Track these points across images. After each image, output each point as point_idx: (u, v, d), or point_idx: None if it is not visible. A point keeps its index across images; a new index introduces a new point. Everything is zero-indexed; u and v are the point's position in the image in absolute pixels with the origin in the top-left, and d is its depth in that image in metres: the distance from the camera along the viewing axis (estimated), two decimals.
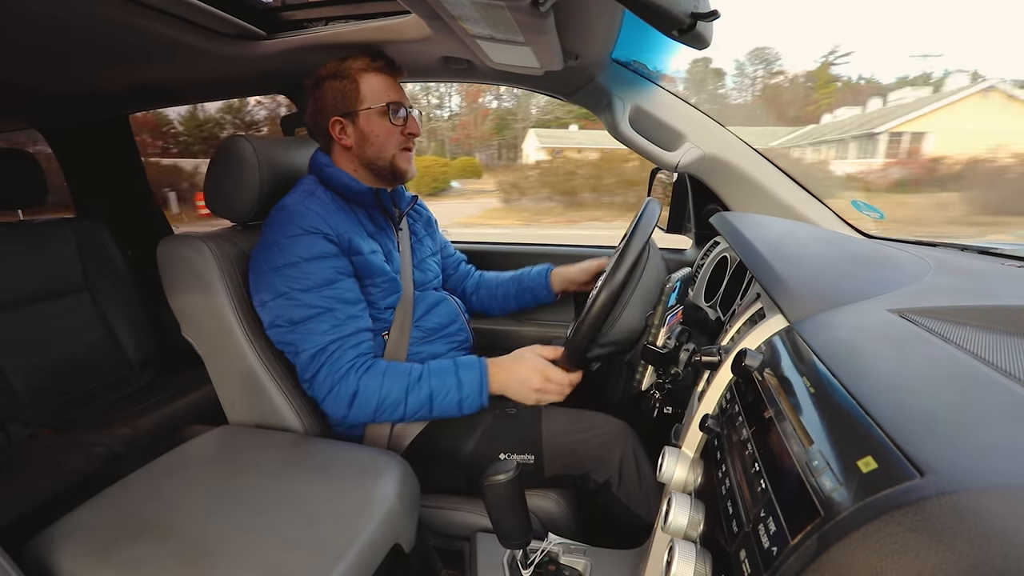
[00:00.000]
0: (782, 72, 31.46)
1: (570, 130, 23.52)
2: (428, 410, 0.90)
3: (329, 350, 0.89)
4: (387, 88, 1.00)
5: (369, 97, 0.98)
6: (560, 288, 1.29)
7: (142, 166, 1.95)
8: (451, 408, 0.91)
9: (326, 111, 0.99)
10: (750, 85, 29.51)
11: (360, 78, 0.98)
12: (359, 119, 0.98)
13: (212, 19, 0.91)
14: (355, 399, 0.88)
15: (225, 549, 0.67)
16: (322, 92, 0.99)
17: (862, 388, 0.39)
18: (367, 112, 0.98)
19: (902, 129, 17.35)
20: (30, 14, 0.83)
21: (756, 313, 0.73)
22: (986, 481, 0.27)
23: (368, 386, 0.88)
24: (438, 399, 0.90)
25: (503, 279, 1.33)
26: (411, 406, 0.89)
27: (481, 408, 0.92)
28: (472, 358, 0.94)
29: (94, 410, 1.45)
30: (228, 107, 20.04)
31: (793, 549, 0.32)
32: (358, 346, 0.91)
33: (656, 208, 0.90)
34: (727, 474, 0.49)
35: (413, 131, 1.03)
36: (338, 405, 0.89)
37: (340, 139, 0.99)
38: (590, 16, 0.83)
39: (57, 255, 1.50)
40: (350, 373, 0.89)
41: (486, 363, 0.92)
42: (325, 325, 0.89)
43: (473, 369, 0.92)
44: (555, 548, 0.76)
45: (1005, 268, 0.75)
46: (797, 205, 1.13)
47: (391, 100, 0.99)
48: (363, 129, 0.99)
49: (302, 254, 0.89)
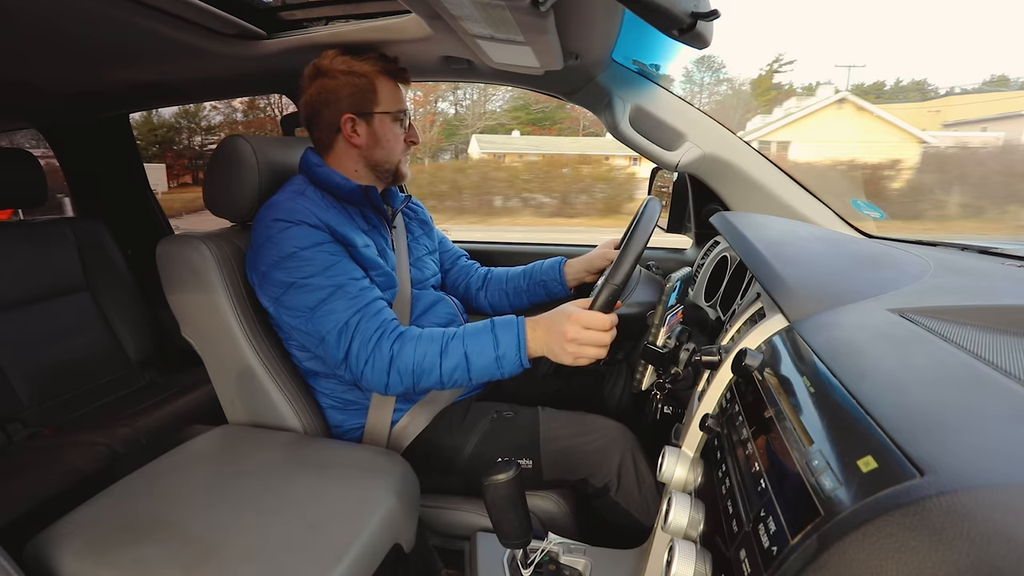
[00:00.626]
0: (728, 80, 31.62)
1: (512, 136, 23.85)
2: (465, 371, 0.86)
3: (353, 324, 0.87)
4: (397, 96, 1.00)
5: (384, 101, 0.98)
6: (575, 281, 1.25)
7: (142, 166, 1.95)
8: (489, 367, 0.85)
9: (339, 105, 0.97)
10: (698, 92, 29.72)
11: (376, 80, 0.97)
12: (373, 121, 0.98)
13: (212, 19, 0.91)
14: (392, 365, 0.86)
15: (225, 549, 0.67)
16: (334, 85, 0.97)
17: (862, 388, 0.39)
18: (382, 116, 0.98)
19: (770, 138, 18.44)
20: (31, 13, 0.83)
21: (756, 313, 0.73)
22: (986, 481, 0.27)
23: (403, 352, 0.86)
24: (474, 358, 0.85)
25: (513, 274, 1.30)
26: (447, 368, 0.85)
27: (522, 368, 0.86)
28: (510, 316, 0.89)
29: (94, 410, 1.45)
30: (184, 112, 19.64)
31: (793, 549, 0.32)
32: (380, 313, 0.89)
33: (656, 207, 0.90)
34: (727, 474, 0.49)
35: (414, 139, 1.04)
36: (377, 374, 0.86)
37: (350, 137, 0.98)
38: (590, 16, 0.83)
39: (57, 255, 1.50)
40: (382, 340, 0.87)
41: (524, 321, 0.87)
42: (342, 303, 0.87)
43: (510, 327, 0.86)
44: (555, 548, 0.76)
45: (1005, 268, 0.75)
46: (797, 205, 1.13)
47: (401, 108, 1.00)
48: (376, 132, 0.99)
49: (297, 244, 0.88)
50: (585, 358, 0.82)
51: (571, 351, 0.82)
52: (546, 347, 0.85)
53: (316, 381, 1.03)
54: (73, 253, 1.54)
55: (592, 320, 0.81)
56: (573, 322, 0.81)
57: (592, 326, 0.81)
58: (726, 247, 1.23)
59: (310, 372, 1.02)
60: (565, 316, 0.83)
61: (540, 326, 0.85)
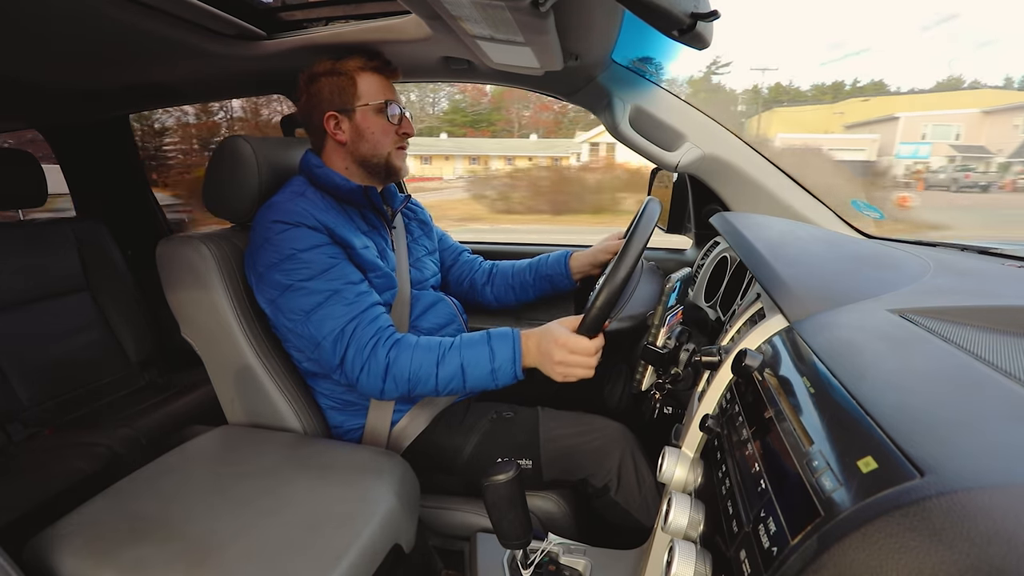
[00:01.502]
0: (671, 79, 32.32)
1: (440, 138, 25.00)
2: (461, 381, 0.87)
3: (349, 330, 0.87)
4: (383, 88, 1.00)
5: (366, 95, 0.98)
6: (581, 273, 1.25)
7: (142, 166, 1.95)
8: (484, 378, 0.87)
9: (321, 106, 0.98)
10: None
11: (357, 76, 0.98)
12: (355, 115, 0.98)
13: (212, 19, 0.91)
14: (388, 372, 0.86)
15: (225, 549, 0.67)
16: (318, 87, 0.98)
17: (862, 388, 0.39)
18: (363, 109, 0.98)
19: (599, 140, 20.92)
20: (31, 13, 0.83)
21: (756, 313, 0.73)
22: (986, 481, 0.27)
23: (399, 359, 0.87)
24: (470, 369, 0.87)
25: (519, 268, 1.30)
26: (443, 377, 0.87)
27: (516, 380, 0.89)
28: (505, 329, 0.91)
29: (94, 410, 1.45)
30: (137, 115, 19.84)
31: (793, 549, 0.32)
32: (376, 320, 0.90)
33: (656, 207, 0.90)
34: (727, 474, 0.49)
35: (407, 130, 1.03)
36: (373, 381, 0.87)
37: (335, 134, 0.99)
38: (590, 16, 0.83)
39: (57, 255, 1.50)
40: (378, 346, 0.87)
41: (519, 333, 0.89)
42: (338, 308, 0.88)
43: (506, 339, 0.88)
44: (555, 548, 0.76)
45: (1005, 268, 0.75)
46: (797, 205, 1.13)
47: (387, 98, 0.99)
48: (359, 125, 0.99)
49: (296, 246, 0.88)
50: (573, 377, 0.86)
51: (559, 372, 0.85)
52: (538, 363, 0.88)
53: (316, 382, 1.03)
54: (73, 253, 1.54)
55: (577, 345, 0.84)
56: (560, 346, 0.84)
57: (577, 351, 0.84)
58: (726, 247, 1.23)
59: (310, 373, 1.02)
60: (552, 340, 0.86)
61: (532, 341, 0.88)
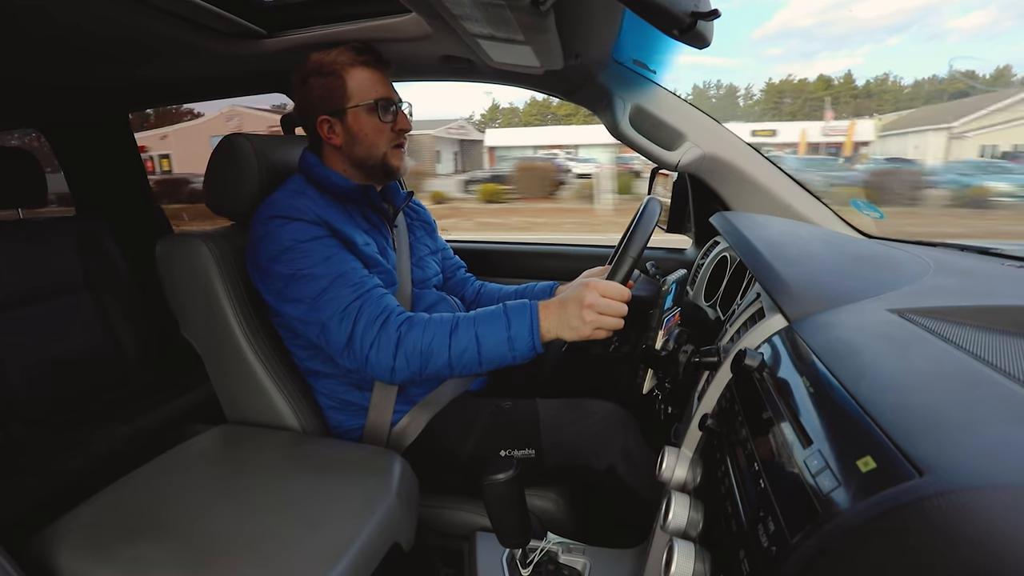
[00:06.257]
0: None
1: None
2: (475, 354, 0.83)
3: (355, 306, 0.85)
4: (374, 83, 0.97)
5: (356, 94, 0.95)
6: None
7: (142, 165, 1.95)
8: (501, 349, 0.82)
9: (313, 110, 0.96)
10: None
11: (346, 73, 0.95)
12: (347, 117, 0.96)
13: (213, 17, 0.91)
14: (399, 347, 0.83)
15: (225, 548, 0.67)
16: (308, 90, 0.96)
17: (861, 388, 0.39)
18: (355, 110, 0.95)
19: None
20: (31, 12, 0.83)
21: (756, 313, 0.73)
22: (985, 481, 0.27)
23: (411, 333, 0.84)
24: (485, 340, 0.83)
25: (505, 293, 1.28)
26: (456, 350, 0.82)
27: (535, 353, 0.84)
28: (523, 300, 0.88)
29: (94, 410, 1.45)
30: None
31: (792, 548, 0.32)
32: (383, 298, 0.88)
33: (656, 207, 0.90)
34: (727, 473, 0.49)
35: (404, 127, 1.00)
36: (383, 357, 0.84)
37: (329, 138, 0.97)
38: (591, 15, 0.83)
39: (57, 254, 1.50)
40: (389, 321, 0.85)
41: (537, 303, 0.86)
42: (344, 289, 0.86)
43: (523, 309, 0.84)
44: (554, 547, 0.76)
45: (1005, 268, 0.75)
46: (797, 205, 1.13)
47: (379, 96, 0.96)
48: (352, 128, 0.96)
49: (297, 237, 0.88)
50: (603, 329, 0.80)
51: (589, 319, 0.79)
52: (561, 323, 0.82)
53: (316, 381, 1.03)
54: (73, 253, 1.53)
55: (610, 288, 0.80)
56: (591, 288, 0.80)
57: (609, 293, 0.80)
58: (726, 247, 1.23)
59: (310, 372, 1.02)
60: (583, 284, 0.82)
61: (553, 304, 0.84)
